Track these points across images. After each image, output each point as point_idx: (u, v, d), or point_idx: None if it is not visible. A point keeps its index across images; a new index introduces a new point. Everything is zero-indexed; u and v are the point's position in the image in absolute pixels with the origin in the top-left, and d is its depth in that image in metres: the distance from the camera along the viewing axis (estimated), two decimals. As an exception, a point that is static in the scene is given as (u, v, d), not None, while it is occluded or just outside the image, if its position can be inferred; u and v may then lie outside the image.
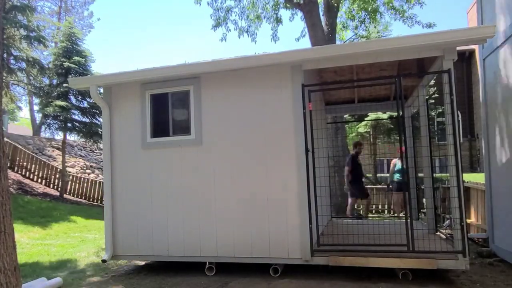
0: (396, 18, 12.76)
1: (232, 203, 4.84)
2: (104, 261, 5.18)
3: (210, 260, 4.85)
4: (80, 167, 17.72)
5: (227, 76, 4.97)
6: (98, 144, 16.05)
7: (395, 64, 5.83)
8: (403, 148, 4.60)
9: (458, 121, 4.20)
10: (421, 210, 7.38)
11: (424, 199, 7.98)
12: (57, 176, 14.88)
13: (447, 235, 5.42)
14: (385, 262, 4.24)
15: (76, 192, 15.12)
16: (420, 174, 6.94)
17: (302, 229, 4.52)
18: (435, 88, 14.34)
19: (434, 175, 6.14)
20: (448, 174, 4.36)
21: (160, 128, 5.24)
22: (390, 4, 12.44)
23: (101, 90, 5.75)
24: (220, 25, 14.42)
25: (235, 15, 14.61)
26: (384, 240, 4.52)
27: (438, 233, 5.68)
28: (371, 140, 16.92)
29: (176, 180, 5.08)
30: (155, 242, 5.10)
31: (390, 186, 9.36)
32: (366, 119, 14.91)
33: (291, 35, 35.23)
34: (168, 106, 5.21)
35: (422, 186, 7.01)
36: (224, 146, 4.92)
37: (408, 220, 4.21)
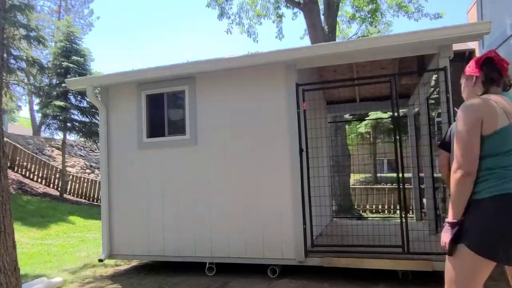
0: (400, 15, 12.78)
1: (226, 203, 4.82)
2: (100, 260, 5.19)
3: (205, 261, 4.83)
4: (80, 167, 17.73)
5: (222, 76, 4.95)
6: (98, 143, 16.03)
7: (395, 62, 5.81)
8: None
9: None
10: (422, 210, 7.37)
11: (424, 199, 7.99)
12: (57, 176, 14.89)
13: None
14: (379, 263, 4.19)
15: (76, 192, 15.13)
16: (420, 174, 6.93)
17: (296, 229, 4.49)
18: (435, 87, 14.33)
19: (435, 174, 6.12)
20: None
21: (156, 128, 5.23)
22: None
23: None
24: (224, 15, 14.40)
25: (235, 8, 14.65)
26: (380, 241, 4.48)
27: (438, 233, 5.66)
28: (371, 139, 16.92)
29: (172, 180, 5.07)
30: (151, 241, 5.09)
31: None
32: (367, 118, 14.90)
33: (296, 34, 35.31)
34: (163, 106, 5.20)
35: (423, 186, 7.00)
36: (219, 146, 4.91)
37: (404, 221, 4.16)
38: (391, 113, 13.91)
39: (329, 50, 4.49)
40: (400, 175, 4.24)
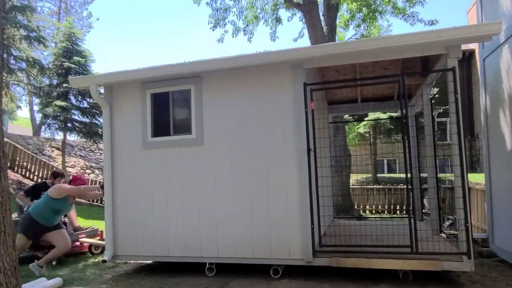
0: (398, 17, 12.78)
1: (233, 203, 4.81)
2: (104, 261, 5.15)
3: (211, 261, 4.81)
4: (80, 167, 17.70)
5: (228, 75, 4.94)
6: (98, 144, 16.07)
7: (398, 62, 5.81)
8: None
9: (460, 120, 4.16)
10: (422, 210, 7.36)
11: (425, 200, 7.98)
12: (57, 176, 14.86)
13: (449, 235, 5.42)
14: (388, 263, 4.19)
15: (76, 192, 15.08)
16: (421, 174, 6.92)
17: (303, 229, 4.48)
18: (436, 88, 14.33)
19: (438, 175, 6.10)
20: (448, 174, 4.34)
21: (160, 127, 5.20)
22: (391, 3, 12.44)
23: (102, 90, 5.73)
24: (219, 25, 14.43)
25: (233, 15, 14.61)
26: (387, 241, 4.48)
27: (441, 233, 5.66)
28: (371, 140, 16.92)
29: (177, 180, 5.05)
30: (156, 242, 5.07)
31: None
32: (366, 119, 14.90)
33: (289, 36, 35.25)
34: (169, 105, 5.17)
35: (424, 186, 7.00)
36: (225, 146, 4.89)
37: (412, 221, 4.16)
38: (390, 114, 13.90)
39: (340, 49, 4.49)
40: (409, 175, 4.25)
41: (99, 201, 14.99)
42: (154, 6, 60.36)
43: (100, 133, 13.50)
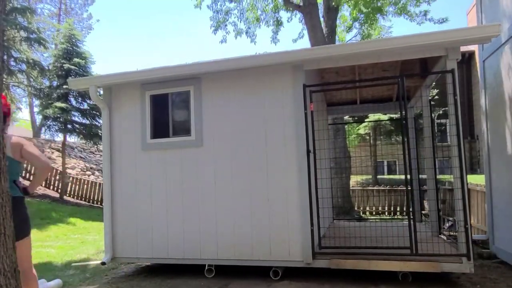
0: (402, 17, 12.74)
1: (232, 204, 4.80)
2: (103, 263, 5.14)
3: (210, 263, 4.81)
4: (80, 168, 17.71)
5: (228, 77, 4.94)
6: (98, 145, 16.04)
7: (397, 64, 5.82)
8: None
9: (459, 122, 4.15)
10: (422, 211, 7.36)
11: (425, 201, 7.98)
12: (57, 177, 14.87)
13: (449, 237, 5.41)
14: (388, 265, 4.18)
15: (76, 194, 15.10)
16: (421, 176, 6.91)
17: (303, 231, 4.48)
18: (436, 89, 14.34)
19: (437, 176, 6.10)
20: (448, 175, 4.35)
21: (160, 129, 5.21)
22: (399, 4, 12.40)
23: (101, 91, 5.74)
24: (220, 28, 14.47)
25: (234, 17, 14.64)
26: (386, 242, 4.47)
27: (441, 235, 5.66)
28: (371, 141, 16.92)
29: (176, 181, 5.04)
30: (155, 244, 5.07)
31: None
32: (366, 120, 14.91)
33: (289, 36, 35.23)
34: (168, 107, 5.18)
35: (424, 188, 7.00)
36: (225, 147, 4.89)
37: (412, 222, 4.16)
38: (390, 115, 13.92)
39: (340, 51, 4.50)
40: (408, 176, 4.25)
41: (99, 203, 14.99)
42: (152, 3, 60.40)
43: (100, 134, 13.50)
